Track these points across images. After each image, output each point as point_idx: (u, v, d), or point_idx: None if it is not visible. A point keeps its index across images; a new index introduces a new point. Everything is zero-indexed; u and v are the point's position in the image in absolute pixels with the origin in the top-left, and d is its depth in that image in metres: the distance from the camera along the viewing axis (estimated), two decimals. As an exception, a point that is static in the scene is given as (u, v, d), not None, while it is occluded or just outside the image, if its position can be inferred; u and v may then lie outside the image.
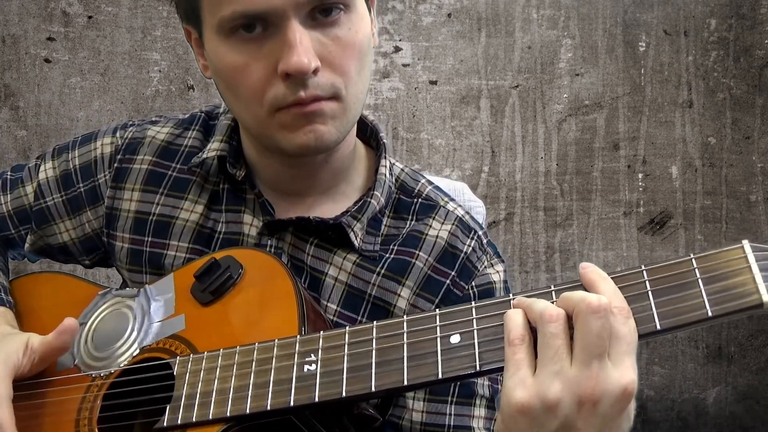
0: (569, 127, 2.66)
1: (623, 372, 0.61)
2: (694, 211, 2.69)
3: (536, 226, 2.66)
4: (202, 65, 0.95)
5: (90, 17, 2.49)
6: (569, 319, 0.64)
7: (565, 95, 2.65)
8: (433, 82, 2.62)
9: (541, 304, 0.65)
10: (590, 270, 0.67)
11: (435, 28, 2.61)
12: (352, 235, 0.94)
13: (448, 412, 0.93)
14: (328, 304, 0.95)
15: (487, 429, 0.94)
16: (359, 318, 0.95)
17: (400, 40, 2.60)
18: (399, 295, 0.95)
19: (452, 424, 0.93)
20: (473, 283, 0.97)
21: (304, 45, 0.81)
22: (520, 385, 0.63)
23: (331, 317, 0.94)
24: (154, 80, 2.52)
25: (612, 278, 0.67)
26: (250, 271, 0.87)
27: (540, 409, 0.62)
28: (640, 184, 2.68)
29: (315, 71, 0.82)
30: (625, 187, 2.68)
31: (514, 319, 0.66)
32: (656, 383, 2.70)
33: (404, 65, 2.61)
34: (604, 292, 0.64)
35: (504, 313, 0.68)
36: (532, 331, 0.66)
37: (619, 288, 0.66)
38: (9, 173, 1.11)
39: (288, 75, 0.82)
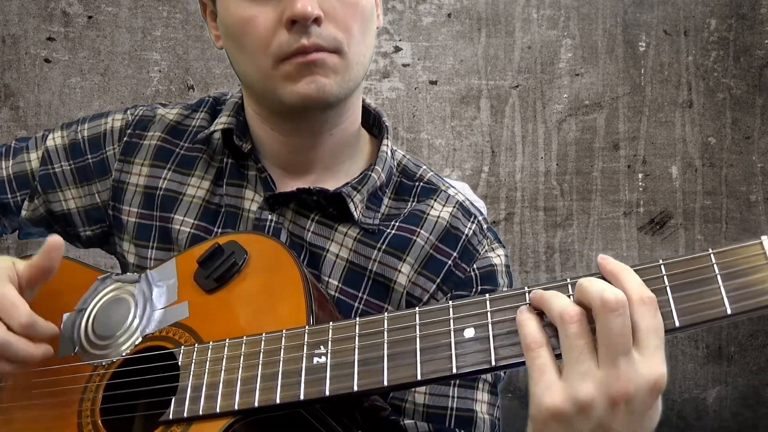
0: (569, 127, 2.66)
1: (653, 367, 0.60)
2: (694, 211, 2.69)
3: (536, 226, 2.66)
4: (214, 36, 0.99)
5: (90, 17, 2.48)
6: (589, 314, 0.62)
7: (565, 95, 2.65)
8: (433, 82, 2.62)
9: (559, 303, 0.63)
10: (610, 261, 0.64)
11: (435, 28, 2.61)
12: (351, 205, 0.95)
13: (451, 394, 0.93)
14: (330, 281, 0.95)
15: (489, 414, 0.94)
16: (360, 294, 0.95)
17: (400, 40, 2.60)
18: (399, 271, 0.95)
19: (455, 406, 0.93)
20: (475, 266, 0.98)
21: None
22: (549, 389, 0.61)
23: (333, 293, 0.95)
24: (154, 80, 2.51)
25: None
26: (254, 257, 0.85)
27: (573, 412, 0.60)
28: (640, 184, 2.68)
29: (318, 21, 0.86)
30: (625, 187, 2.68)
31: (528, 324, 0.64)
32: (657, 383, 2.69)
33: (404, 65, 2.60)
34: (628, 284, 0.62)
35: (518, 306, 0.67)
36: (548, 327, 0.64)
37: None
38: (14, 142, 1.13)
39: (292, 22, 0.85)
